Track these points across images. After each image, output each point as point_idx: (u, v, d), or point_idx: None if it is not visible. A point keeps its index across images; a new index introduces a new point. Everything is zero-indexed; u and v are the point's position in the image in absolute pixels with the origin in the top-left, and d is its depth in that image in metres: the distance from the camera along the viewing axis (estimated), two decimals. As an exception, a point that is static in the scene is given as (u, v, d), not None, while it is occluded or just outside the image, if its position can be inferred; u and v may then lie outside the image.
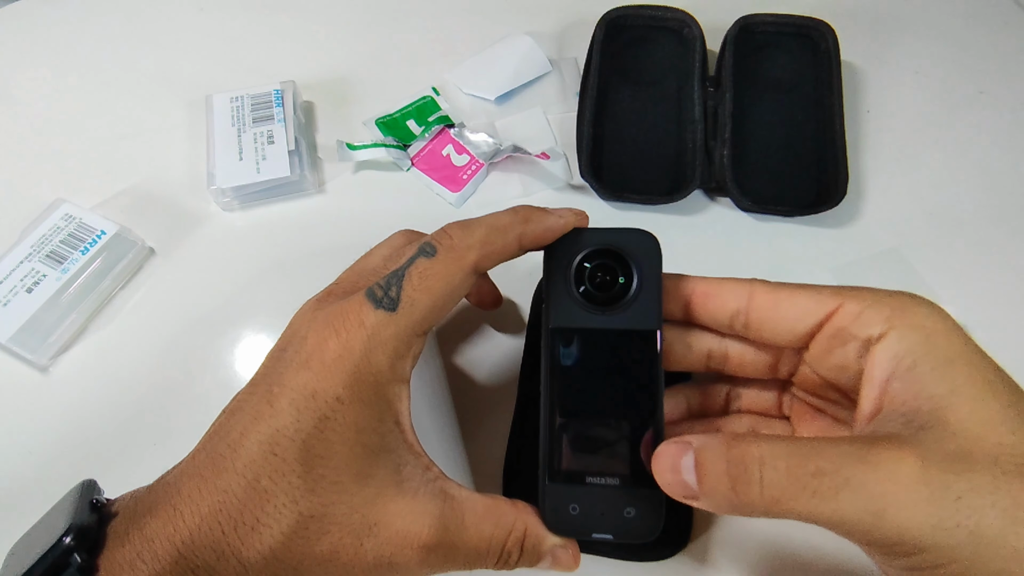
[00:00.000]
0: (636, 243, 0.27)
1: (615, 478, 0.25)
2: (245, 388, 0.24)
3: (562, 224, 0.27)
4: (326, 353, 0.23)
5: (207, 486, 0.22)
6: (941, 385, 0.22)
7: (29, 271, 0.36)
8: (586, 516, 0.25)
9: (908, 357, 0.23)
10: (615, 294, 0.26)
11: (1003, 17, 0.48)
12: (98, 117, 0.44)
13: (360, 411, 0.23)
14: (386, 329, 0.23)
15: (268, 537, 0.22)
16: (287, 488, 0.22)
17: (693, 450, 0.22)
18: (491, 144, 0.41)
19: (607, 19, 0.44)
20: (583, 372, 0.26)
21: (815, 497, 0.20)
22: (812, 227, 0.39)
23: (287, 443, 0.22)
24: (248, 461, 0.22)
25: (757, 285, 0.26)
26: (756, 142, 0.41)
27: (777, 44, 0.44)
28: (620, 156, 0.41)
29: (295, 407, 0.22)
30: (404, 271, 0.24)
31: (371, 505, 0.23)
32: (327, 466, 0.22)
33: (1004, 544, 0.20)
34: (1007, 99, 0.44)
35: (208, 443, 0.23)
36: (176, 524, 0.21)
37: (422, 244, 0.25)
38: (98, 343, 0.36)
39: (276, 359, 0.24)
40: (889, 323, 0.23)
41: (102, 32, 0.48)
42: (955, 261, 0.38)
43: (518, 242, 0.26)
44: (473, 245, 0.25)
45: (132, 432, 0.34)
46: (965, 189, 0.41)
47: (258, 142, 0.40)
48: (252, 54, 0.47)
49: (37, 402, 0.35)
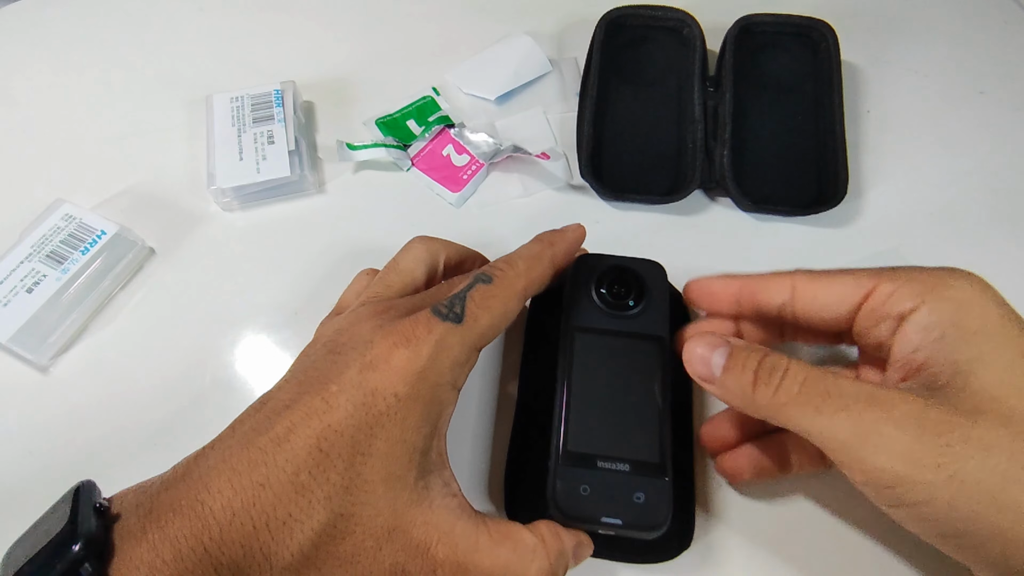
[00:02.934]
0: (645, 266, 0.31)
1: (625, 463, 0.26)
2: (289, 386, 0.24)
3: (577, 236, 0.30)
4: (394, 357, 0.23)
5: (241, 480, 0.22)
6: (967, 352, 0.23)
7: (29, 271, 0.36)
8: (597, 498, 0.26)
9: (936, 329, 0.24)
10: (628, 302, 0.30)
11: (1003, 17, 0.48)
12: (98, 117, 0.44)
13: (413, 408, 0.23)
14: (452, 337, 0.24)
15: (299, 534, 0.22)
16: (325, 484, 0.22)
17: (731, 347, 0.25)
18: (491, 144, 0.41)
19: (607, 19, 0.44)
20: (599, 367, 0.29)
21: (816, 412, 0.23)
22: (812, 227, 0.39)
23: (335, 438, 0.22)
24: (291, 455, 0.22)
25: (798, 276, 0.28)
26: (756, 142, 0.41)
27: (777, 44, 0.44)
28: (620, 156, 0.41)
29: (352, 403, 0.23)
30: (466, 293, 0.26)
31: (392, 510, 0.23)
32: (366, 464, 0.22)
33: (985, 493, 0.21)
34: (1007, 99, 0.44)
35: (245, 439, 0.23)
36: (205, 521, 0.21)
37: (478, 274, 0.27)
38: (98, 343, 0.36)
39: (330, 362, 0.24)
40: (921, 297, 0.25)
41: (102, 32, 0.48)
42: (955, 261, 0.37)
43: (552, 264, 0.29)
44: (520, 274, 0.27)
45: (132, 432, 0.34)
46: (965, 189, 0.41)
47: (258, 142, 0.40)
48: (252, 54, 0.47)
49: (37, 402, 0.35)
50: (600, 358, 0.29)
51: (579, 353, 0.29)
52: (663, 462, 0.27)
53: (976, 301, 0.24)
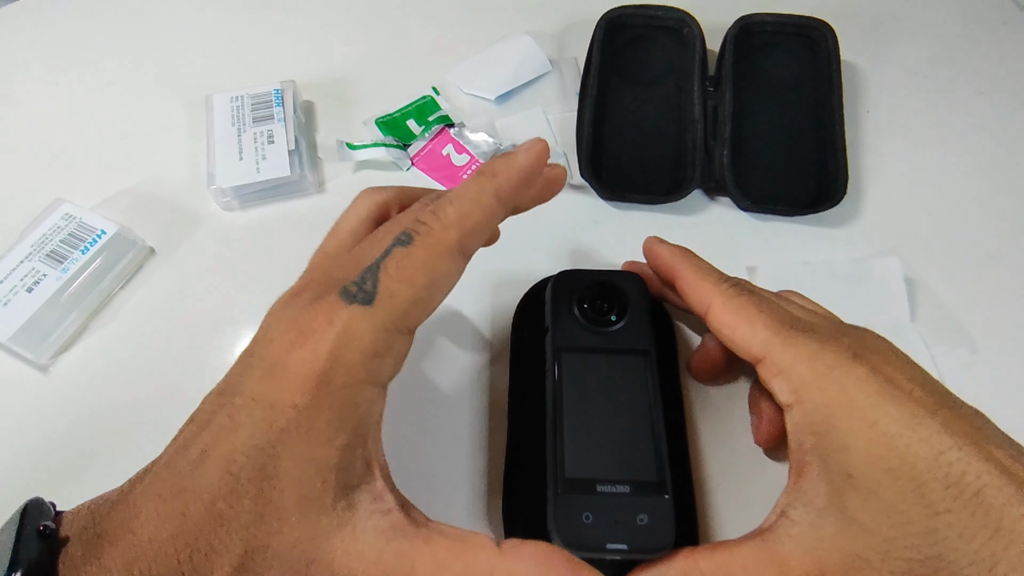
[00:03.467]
0: (627, 280, 0.31)
1: (625, 485, 0.25)
2: (212, 396, 0.22)
3: (532, 157, 0.24)
4: (291, 358, 0.20)
5: (166, 508, 0.20)
6: (835, 481, 0.23)
7: (29, 271, 0.36)
8: (600, 525, 0.25)
9: (810, 436, 0.24)
10: (611, 317, 0.30)
11: (1002, 17, 0.48)
12: (98, 117, 0.44)
13: (317, 419, 0.20)
14: (360, 324, 0.20)
15: (219, 568, 0.19)
16: (240, 513, 0.19)
17: None
18: (491, 144, 0.41)
19: (607, 19, 0.44)
20: (588, 387, 0.28)
21: None
22: (812, 227, 0.39)
23: (243, 460, 0.20)
24: (206, 481, 0.20)
25: (716, 299, 0.27)
26: (756, 142, 0.41)
27: (777, 44, 0.44)
28: (620, 156, 0.41)
29: (252, 420, 0.20)
30: (380, 263, 0.21)
31: (308, 539, 0.20)
32: (275, 488, 0.20)
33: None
34: (1007, 99, 0.44)
35: (172, 459, 0.21)
36: (136, 551, 0.19)
37: (397, 234, 0.22)
38: (98, 343, 0.36)
39: (244, 365, 0.22)
40: (796, 395, 0.24)
41: (102, 32, 0.48)
42: (955, 261, 0.38)
43: (497, 200, 0.23)
44: (451, 225, 0.22)
45: (132, 432, 0.34)
46: (965, 189, 0.41)
47: (258, 142, 0.40)
48: (252, 54, 0.47)
49: (37, 402, 0.35)
50: (588, 378, 0.28)
51: (567, 375, 0.28)
52: (662, 479, 0.26)
53: (845, 408, 0.23)
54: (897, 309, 0.35)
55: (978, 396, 0.24)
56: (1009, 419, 0.24)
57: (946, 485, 0.20)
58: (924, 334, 0.35)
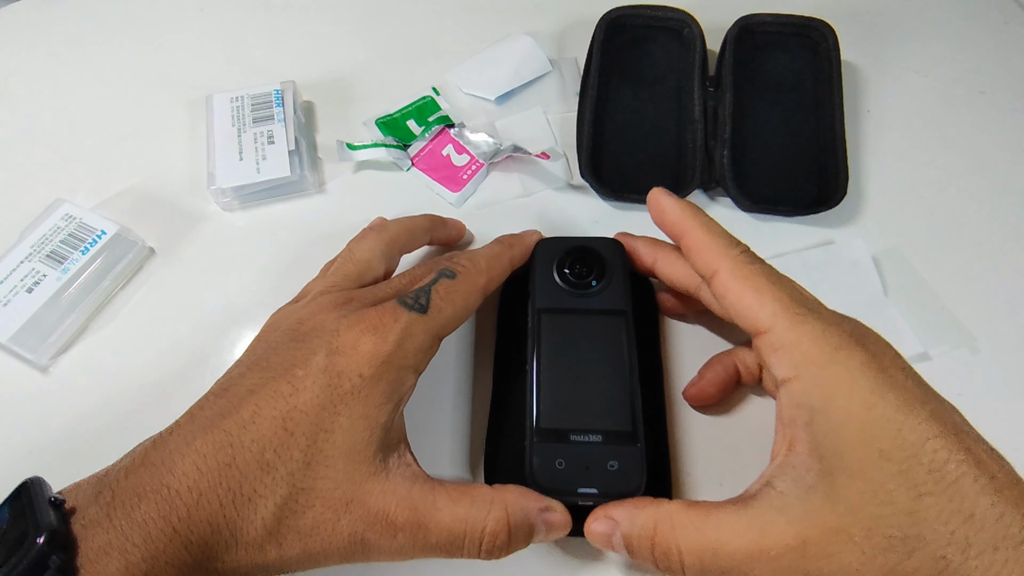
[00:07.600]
0: (605, 245, 0.33)
1: (598, 435, 0.27)
2: (252, 373, 0.25)
3: (534, 240, 0.33)
4: (362, 343, 0.25)
5: (207, 462, 0.23)
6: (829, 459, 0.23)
7: (29, 271, 0.36)
8: (572, 470, 0.27)
9: (805, 412, 0.24)
10: (590, 281, 0.31)
11: (1003, 17, 0.48)
12: (98, 117, 0.44)
13: (376, 387, 0.25)
14: (417, 326, 0.26)
15: (262, 508, 0.23)
16: (288, 461, 0.23)
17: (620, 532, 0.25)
18: (491, 144, 0.41)
19: (607, 19, 0.44)
20: (566, 345, 0.30)
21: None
22: (812, 227, 0.39)
23: (300, 417, 0.24)
24: (257, 436, 0.23)
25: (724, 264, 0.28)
26: (756, 142, 0.41)
27: (777, 44, 0.44)
28: (620, 156, 0.41)
29: (318, 385, 0.24)
30: (431, 287, 0.28)
31: (350, 482, 0.24)
32: (327, 440, 0.24)
33: None
34: (1007, 99, 0.44)
35: (209, 423, 0.24)
36: (172, 502, 0.22)
37: (442, 268, 0.29)
38: (98, 343, 0.36)
39: (294, 348, 0.26)
40: (796, 370, 0.25)
41: (102, 32, 0.48)
42: (955, 261, 0.38)
43: (511, 263, 0.32)
44: (482, 271, 0.30)
45: (132, 432, 0.33)
46: (965, 189, 0.41)
47: (258, 142, 0.40)
48: (252, 54, 0.47)
49: (37, 402, 0.35)
50: (567, 336, 0.30)
51: (546, 333, 0.30)
52: (635, 430, 0.28)
53: (845, 389, 0.24)
54: (871, 286, 0.37)
55: (979, 396, 0.24)
56: (1009, 419, 0.24)
57: (929, 470, 0.22)
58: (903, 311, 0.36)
